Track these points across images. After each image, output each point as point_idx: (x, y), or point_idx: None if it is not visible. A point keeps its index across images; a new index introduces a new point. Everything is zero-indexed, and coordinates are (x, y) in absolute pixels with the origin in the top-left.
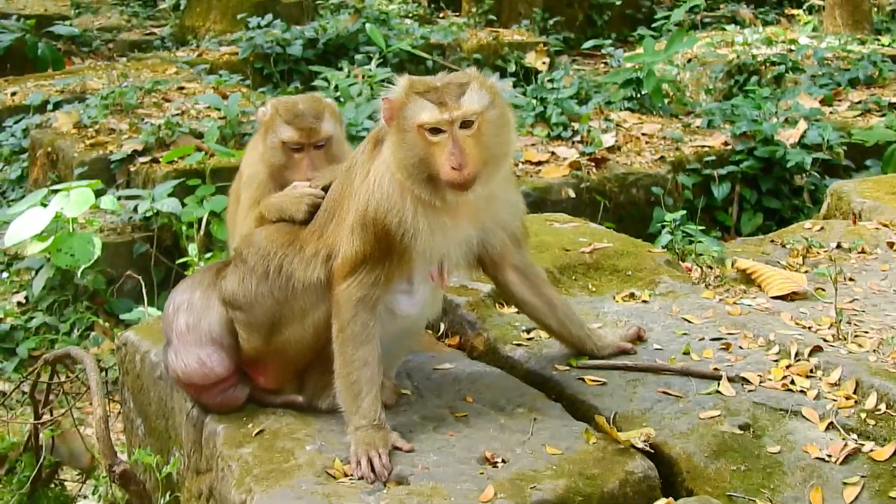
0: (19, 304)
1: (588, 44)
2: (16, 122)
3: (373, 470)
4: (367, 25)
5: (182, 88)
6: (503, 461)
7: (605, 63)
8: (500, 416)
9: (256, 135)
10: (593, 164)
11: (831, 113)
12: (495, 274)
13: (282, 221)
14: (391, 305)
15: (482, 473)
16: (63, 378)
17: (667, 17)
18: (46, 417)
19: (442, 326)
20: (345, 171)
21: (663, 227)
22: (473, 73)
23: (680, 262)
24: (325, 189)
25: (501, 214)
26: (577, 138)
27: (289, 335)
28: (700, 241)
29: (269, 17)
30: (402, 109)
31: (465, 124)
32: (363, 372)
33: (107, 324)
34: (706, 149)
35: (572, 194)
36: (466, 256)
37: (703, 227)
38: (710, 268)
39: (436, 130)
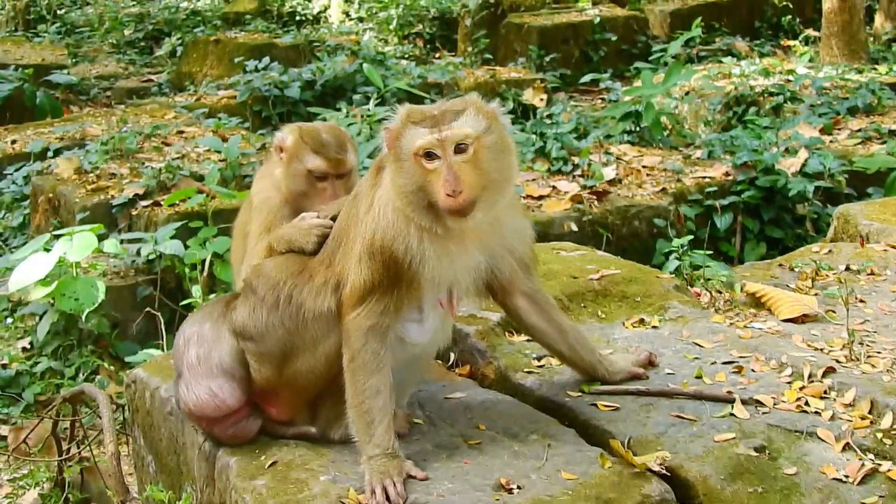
0: (24, 349)
1: (586, 78)
2: (16, 170)
3: (388, 499)
4: (365, 66)
5: (181, 132)
6: (518, 487)
7: (603, 99)
8: (514, 442)
9: (268, 162)
10: (595, 197)
11: (831, 142)
12: (504, 300)
13: (291, 252)
14: (401, 334)
15: (498, 500)
16: (81, 417)
17: (663, 51)
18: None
19: (452, 356)
20: (351, 200)
21: (668, 255)
22: (472, 99)
23: (688, 288)
24: (334, 219)
25: (509, 240)
26: (578, 172)
27: (300, 365)
28: (708, 266)
29: (266, 60)
30: (399, 139)
31: (460, 149)
32: (375, 401)
33: (112, 367)
34: (707, 180)
35: (574, 228)
36: (475, 283)
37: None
38: (720, 292)
39: (431, 156)
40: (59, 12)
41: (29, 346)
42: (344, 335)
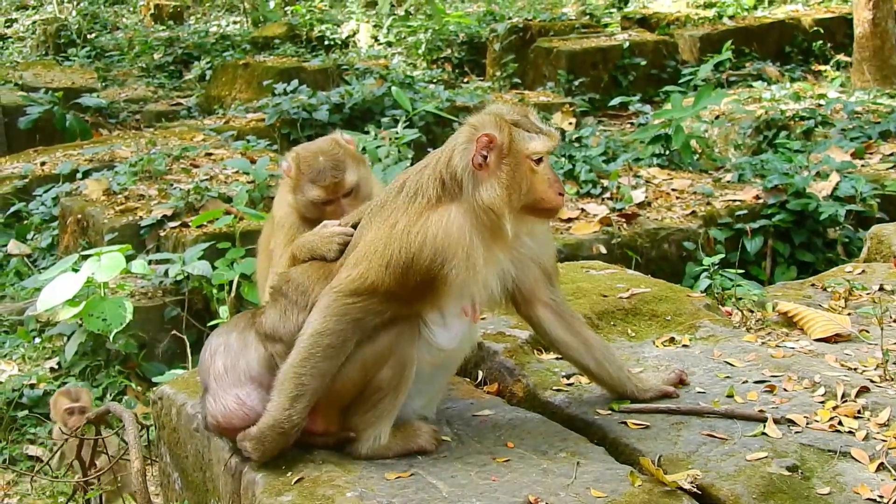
0: (52, 369)
1: (615, 101)
2: (45, 191)
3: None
4: (393, 88)
5: (210, 154)
6: None
7: (632, 123)
8: (543, 460)
9: (284, 183)
10: (624, 219)
11: (863, 166)
12: (528, 312)
13: (313, 260)
14: (429, 339)
15: None
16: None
17: (693, 74)
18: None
19: (480, 374)
20: (376, 210)
21: (697, 277)
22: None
23: (720, 307)
24: (355, 226)
25: (534, 249)
26: (607, 195)
27: None
28: (739, 285)
29: (294, 83)
30: (512, 143)
31: None
32: (316, 382)
33: (139, 388)
34: (737, 203)
35: (603, 250)
36: (499, 292)
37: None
38: (751, 311)
39: (540, 160)
40: (88, 36)
41: (57, 367)
42: (323, 307)
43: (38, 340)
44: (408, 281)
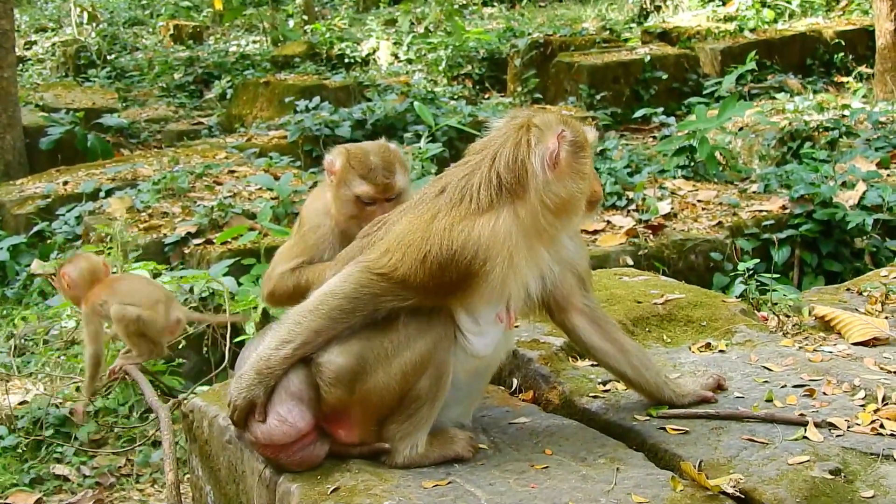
0: (77, 388)
1: (639, 113)
2: (69, 211)
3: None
4: (416, 104)
5: (233, 171)
6: None
7: (654, 137)
8: (582, 466)
9: (322, 184)
10: (650, 231)
11: (889, 175)
12: (563, 319)
13: None
14: (465, 346)
15: None
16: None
17: (718, 84)
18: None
19: (515, 382)
20: (410, 207)
21: (725, 289)
22: None
23: (755, 312)
24: None
25: (570, 252)
26: (633, 207)
27: (373, 382)
28: (775, 290)
29: (316, 100)
30: (585, 137)
31: None
32: (307, 335)
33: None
34: (764, 213)
35: (630, 262)
36: (534, 296)
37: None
38: (788, 316)
39: None
40: (108, 57)
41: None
42: (346, 272)
43: (63, 358)
44: (443, 277)
